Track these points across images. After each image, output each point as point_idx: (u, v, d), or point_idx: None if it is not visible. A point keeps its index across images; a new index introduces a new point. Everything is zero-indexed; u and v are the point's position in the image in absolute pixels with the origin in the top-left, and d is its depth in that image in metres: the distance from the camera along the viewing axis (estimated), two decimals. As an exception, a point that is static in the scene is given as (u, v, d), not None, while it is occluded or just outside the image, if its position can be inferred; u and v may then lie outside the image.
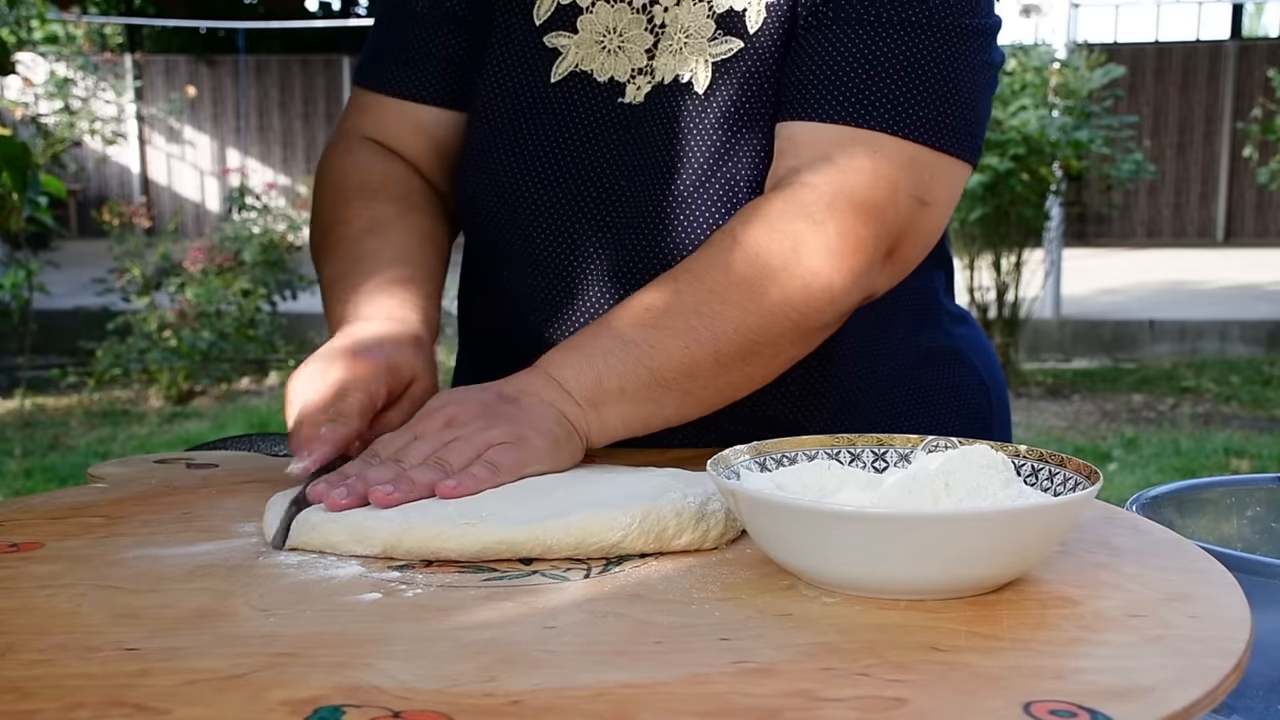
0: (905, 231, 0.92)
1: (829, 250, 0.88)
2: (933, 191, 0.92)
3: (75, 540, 0.76)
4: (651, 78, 0.99)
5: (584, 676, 0.54)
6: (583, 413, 0.85)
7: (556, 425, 0.83)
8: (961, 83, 0.93)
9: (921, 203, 0.92)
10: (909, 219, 0.92)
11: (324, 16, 15.69)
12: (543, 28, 1.03)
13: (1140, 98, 12.84)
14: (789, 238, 0.88)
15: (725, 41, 0.97)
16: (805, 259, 0.88)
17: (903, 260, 0.94)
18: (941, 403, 1.09)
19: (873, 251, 0.90)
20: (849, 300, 0.91)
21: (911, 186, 0.91)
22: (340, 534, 0.73)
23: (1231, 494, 0.96)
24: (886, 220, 0.90)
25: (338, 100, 14.22)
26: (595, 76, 1.01)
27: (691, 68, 0.98)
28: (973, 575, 0.63)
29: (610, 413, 0.86)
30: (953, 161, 0.93)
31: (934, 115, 0.91)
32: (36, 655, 0.58)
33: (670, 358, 0.86)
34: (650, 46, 1.00)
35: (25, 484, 4.53)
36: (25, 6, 7.05)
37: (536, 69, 1.03)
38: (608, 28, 1.01)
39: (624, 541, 0.71)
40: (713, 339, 0.87)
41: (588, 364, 0.86)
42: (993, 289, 6.39)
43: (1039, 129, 5.98)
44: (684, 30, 0.98)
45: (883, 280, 0.94)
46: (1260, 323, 7.36)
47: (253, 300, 6.64)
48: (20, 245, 6.43)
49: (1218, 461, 4.71)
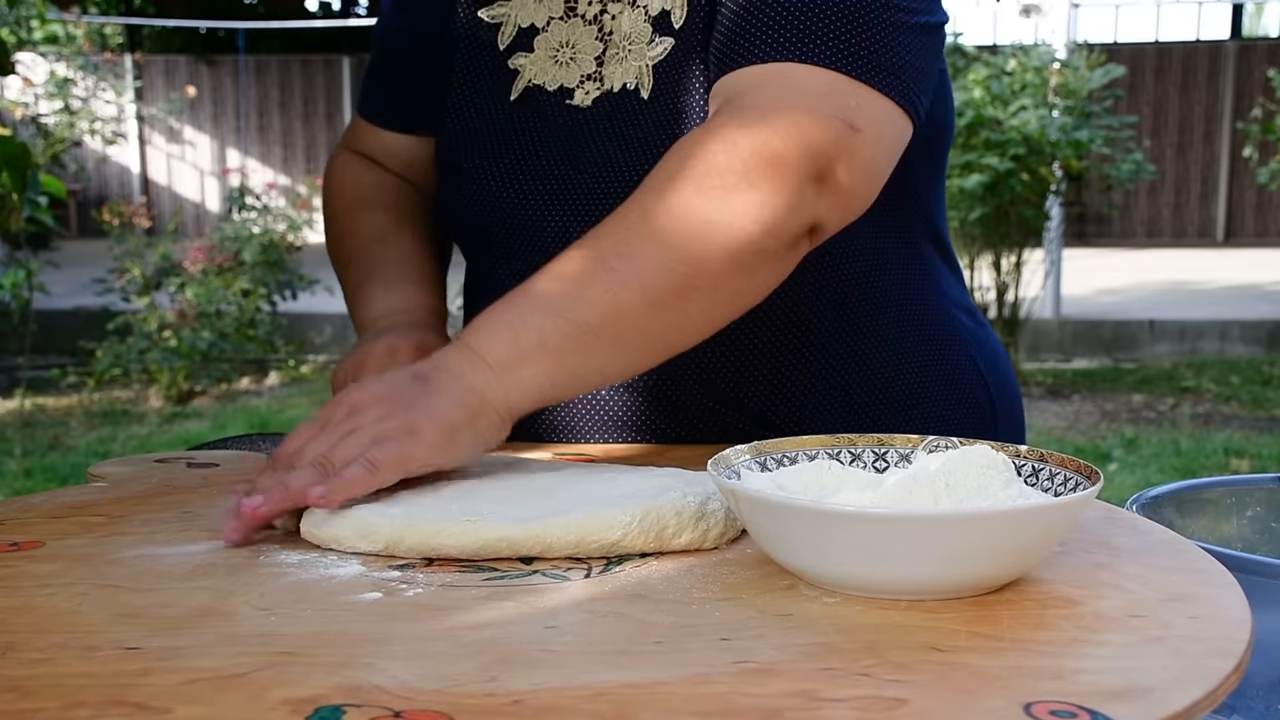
0: (836, 154, 0.87)
1: (748, 173, 0.84)
2: (860, 118, 0.88)
3: (76, 539, 0.77)
4: (600, 84, 1.02)
5: (584, 676, 0.54)
6: (496, 378, 0.81)
7: (459, 408, 0.80)
8: (876, 19, 0.90)
9: (850, 127, 0.87)
10: (836, 141, 0.87)
11: (324, 16, 15.69)
12: (506, 51, 1.08)
13: (1140, 98, 12.85)
14: (706, 168, 0.85)
15: (660, 42, 1.00)
16: (724, 186, 0.84)
17: (843, 189, 0.88)
18: (936, 396, 1.08)
19: (798, 173, 0.86)
20: (784, 227, 0.86)
21: (832, 108, 0.87)
22: (346, 529, 0.74)
23: (1231, 494, 0.96)
24: (809, 140, 0.86)
25: (338, 100, 14.24)
26: (546, 87, 1.05)
27: (636, 74, 1.00)
28: (973, 575, 0.63)
29: (528, 372, 0.82)
30: (878, 96, 0.89)
31: (848, 46, 0.89)
32: (37, 654, 0.58)
33: (593, 305, 0.82)
34: (600, 54, 1.03)
35: (25, 484, 4.54)
36: (25, 6, 7.05)
37: (499, 90, 1.08)
38: (561, 42, 1.05)
39: (624, 540, 0.71)
40: (638, 279, 0.83)
41: (502, 324, 0.83)
42: (993, 289, 6.39)
43: (1039, 129, 5.99)
44: (626, 38, 1.01)
45: (824, 208, 0.88)
46: (1260, 323, 7.36)
47: (253, 300, 6.64)
48: (20, 245, 6.43)
49: (1218, 461, 4.71)
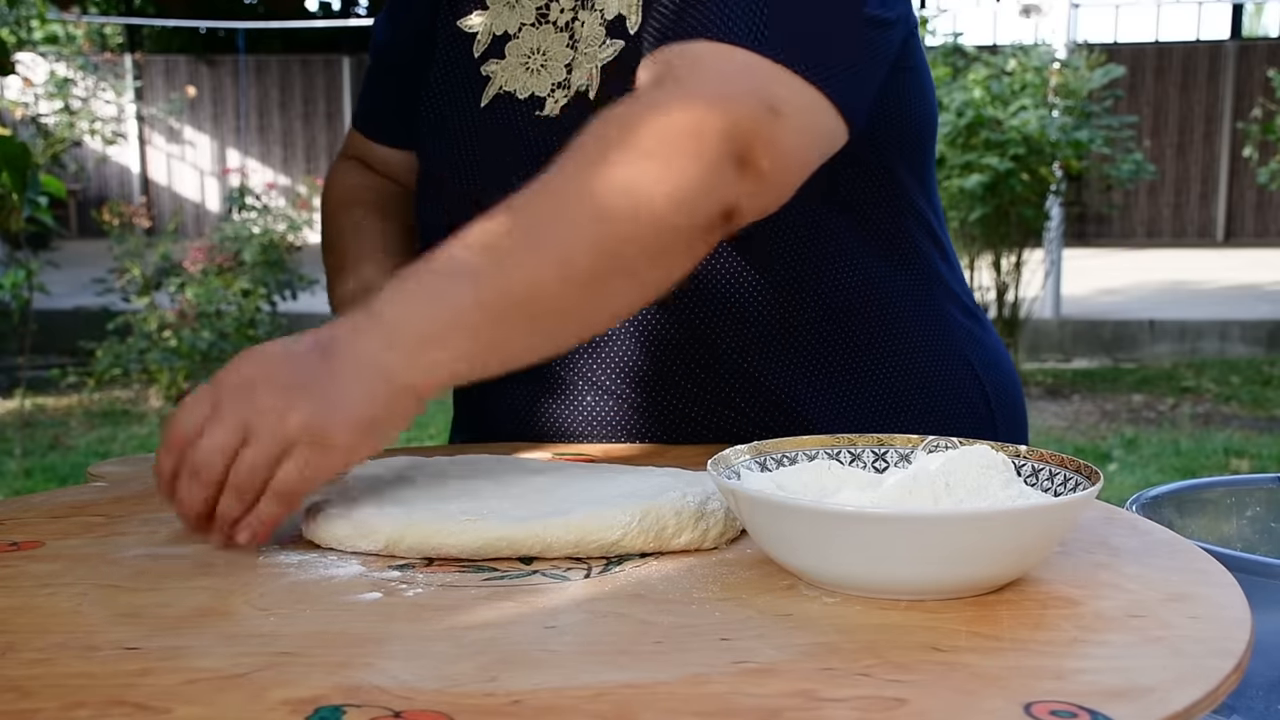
0: (755, 137, 0.85)
1: (665, 148, 0.83)
2: (785, 105, 0.86)
3: (76, 539, 0.77)
4: (568, 91, 1.03)
5: (584, 676, 0.54)
6: (408, 359, 0.77)
7: (370, 402, 0.75)
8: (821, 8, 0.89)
9: (770, 110, 0.86)
10: (755, 121, 0.85)
11: (324, 16, 15.69)
12: (480, 58, 1.08)
13: (1140, 98, 12.84)
14: (627, 141, 0.83)
15: (611, 45, 1.01)
16: (642, 160, 0.83)
17: (762, 174, 0.86)
18: (929, 399, 1.08)
19: (712, 152, 0.83)
20: (699, 207, 0.84)
21: (749, 87, 0.86)
22: (346, 528, 0.74)
23: (1231, 494, 0.96)
24: (729, 118, 0.84)
25: (338, 100, 14.24)
26: (517, 95, 1.05)
27: (587, 75, 1.01)
28: (973, 575, 0.63)
29: (443, 354, 0.78)
30: (806, 85, 0.87)
31: (783, 31, 0.87)
32: (37, 654, 0.58)
33: (510, 280, 0.79)
34: (569, 61, 1.03)
35: (25, 484, 4.54)
36: (25, 6, 7.05)
37: (470, 96, 1.08)
38: (532, 49, 1.05)
39: (623, 540, 0.72)
40: (555, 257, 0.80)
41: (415, 300, 0.79)
42: (993, 289, 6.39)
43: (1039, 129, 5.98)
44: (585, 41, 1.02)
45: (741, 192, 0.86)
46: (1260, 323, 7.36)
47: (253, 300, 6.63)
48: (20, 245, 6.42)
49: (1218, 461, 4.71)
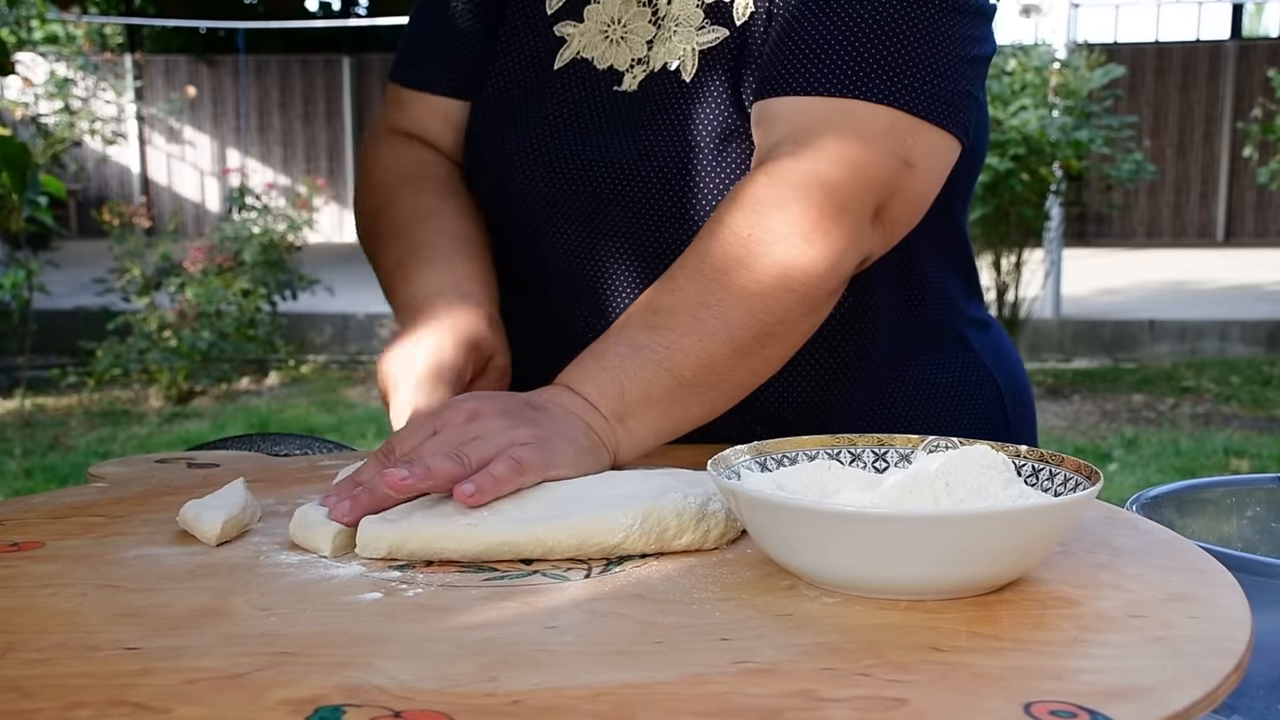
0: (892, 192, 0.91)
1: (819, 219, 0.87)
2: (916, 154, 0.91)
3: (76, 539, 0.76)
4: (648, 66, 1.02)
5: (584, 676, 0.54)
6: (610, 427, 0.84)
7: (585, 436, 0.82)
8: (938, 52, 0.92)
9: (906, 164, 0.91)
10: (893, 180, 0.91)
11: (324, 16, 15.68)
12: (553, 17, 1.06)
13: (1140, 98, 12.84)
14: (778, 213, 0.87)
15: (711, 31, 1.00)
16: (797, 231, 0.87)
17: (892, 222, 0.93)
18: (955, 409, 1.09)
19: (859, 213, 0.90)
20: (846, 265, 0.90)
21: (893, 147, 0.90)
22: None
23: (1231, 494, 0.96)
24: (869, 184, 0.89)
25: (338, 100, 14.23)
26: (595, 64, 1.04)
27: (680, 56, 1.00)
28: (973, 575, 0.63)
29: (637, 424, 0.85)
30: (933, 129, 0.92)
31: (909, 82, 0.90)
32: (37, 654, 0.58)
33: (687, 356, 0.85)
34: (651, 38, 1.02)
35: (25, 484, 4.53)
36: (25, 6, 7.05)
37: (542, 57, 1.06)
38: (612, 18, 1.04)
39: (625, 542, 0.71)
40: (725, 328, 0.86)
41: (608, 375, 0.85)
42: (993, 289, 6.39)
43: (1039, 129, 5.98)
44: (676, 20, 1.01)
45: (875, 242, 0.93)
46: (1260, 323, 7.35)
47: (253, 300, 6.64)
48: (20, 245, 6.42)
49: (1218, 461, 4.71)
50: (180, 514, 0.77)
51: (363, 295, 6.82)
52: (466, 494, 0.73)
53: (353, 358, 7.22)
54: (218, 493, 0.79)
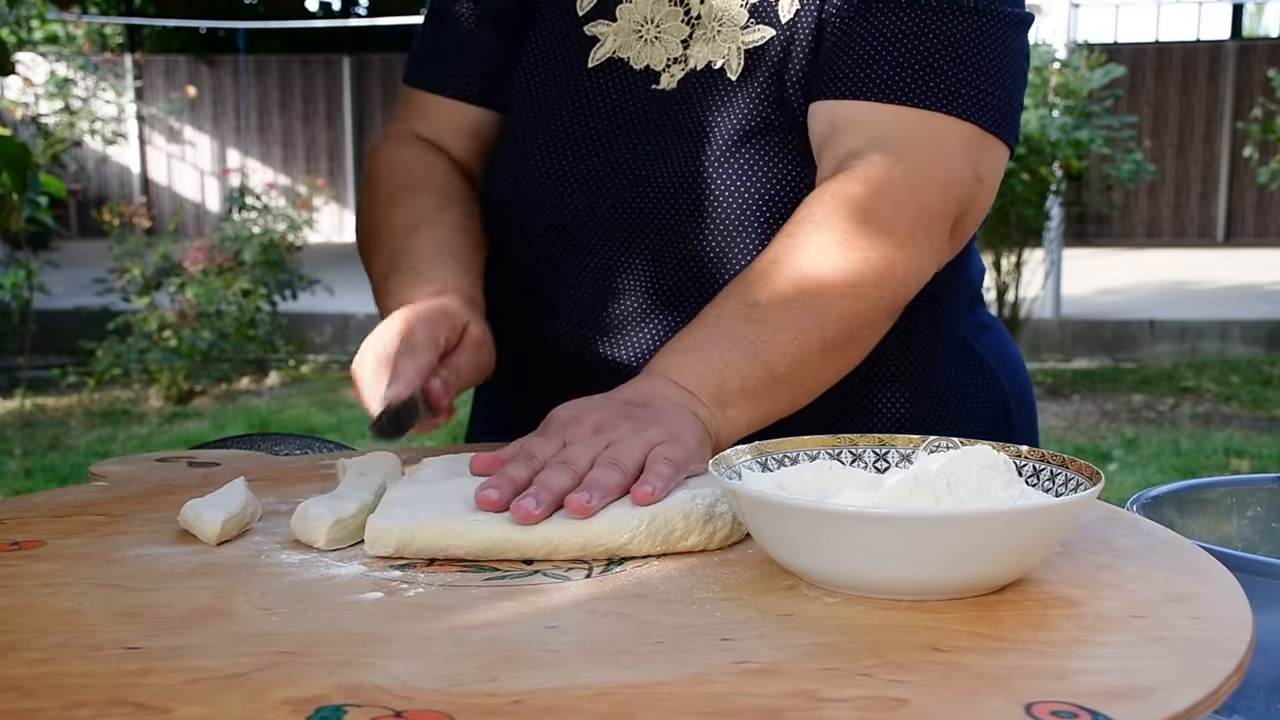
0: (968, 207, 0.95)
1: (912, 229, 0.91)
2: (984, 168, 0.95)
3: (77, 539, 0.76)
4: (685, 65, 1.02)
5: (585, 676, 0.54)
6: (711, 414, 0.85)
7: (699, 426, 0.83)
8: (1005, 68, 0.95)
9: (978, 179, 0.95)
10: (971, 195, 0.95)
11: (324, 16, 15.67)
12: (585, 17, 1.07)
13: (1140, 98, 12.83)
14: (873, 219, 0.90)
15: (757, 30, 1.00)
16: (892, 240, 0.90)
17: (962, 234, 0.98)
18: (962, 411, 1.09)
19: (945, 225, 0.94)
20: (928, 274, 0.95)
21: (970, 162, 0.94)
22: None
23: (1231, 494, 0.96)
24: (953, 197, 0.94)
25: (338, 100, 14.23)
26: (631, 64, 1.04)
27: (724, 55, 1.01)
28: (974, 576, 0.63)
29: (734, 413, 0.86)
30: (998, 143, 0.96)
31: (985, 98, 0.94)
32: (38, 654, 0.58)
33: (783, 351, 0.87)
34: (686, 37, 1.02)
35: (25, 484, 4.53)
36: (25, 6, 7.04)
37: (575, 56, 1.06)
38: (645, 18, 1.04)
39: (631, 543, 0.71)
40: (819, 327, 0.88)
41: (708, 365, 0.86)
42: (993, 289, 6.38)
43: (1039, 129, 5.98)
44: (718, 19, 1.01)
45: (951, 248, 0.98)
46: (1260, 323, 7.35)
47: (253, 300, 6.63)
48: (20, 245, 6.42)
49: (1218, 461, 4.70)
50: (181, 513, 0.77)
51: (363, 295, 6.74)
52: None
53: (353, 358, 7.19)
54: (218, 492, 0.79)
